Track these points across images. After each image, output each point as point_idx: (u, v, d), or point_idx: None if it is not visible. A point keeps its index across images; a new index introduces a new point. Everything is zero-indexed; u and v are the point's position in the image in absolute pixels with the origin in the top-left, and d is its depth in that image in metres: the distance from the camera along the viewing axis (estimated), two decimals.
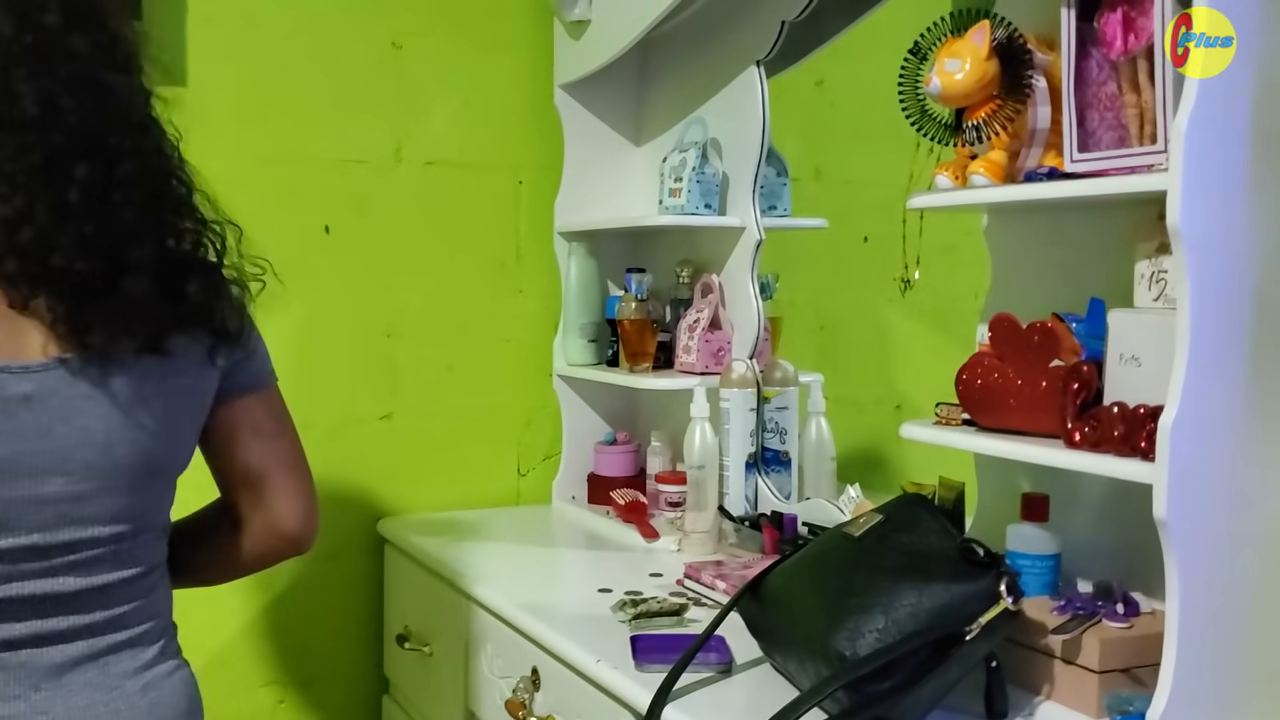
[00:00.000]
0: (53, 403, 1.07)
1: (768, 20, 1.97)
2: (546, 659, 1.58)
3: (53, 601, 1.10)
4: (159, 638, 1.19)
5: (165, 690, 1.18)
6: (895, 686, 1.13)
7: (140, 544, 1.16)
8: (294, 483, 1.28)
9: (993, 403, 1.30)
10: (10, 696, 1.09)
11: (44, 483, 1.08)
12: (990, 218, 1.54)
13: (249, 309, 1.23)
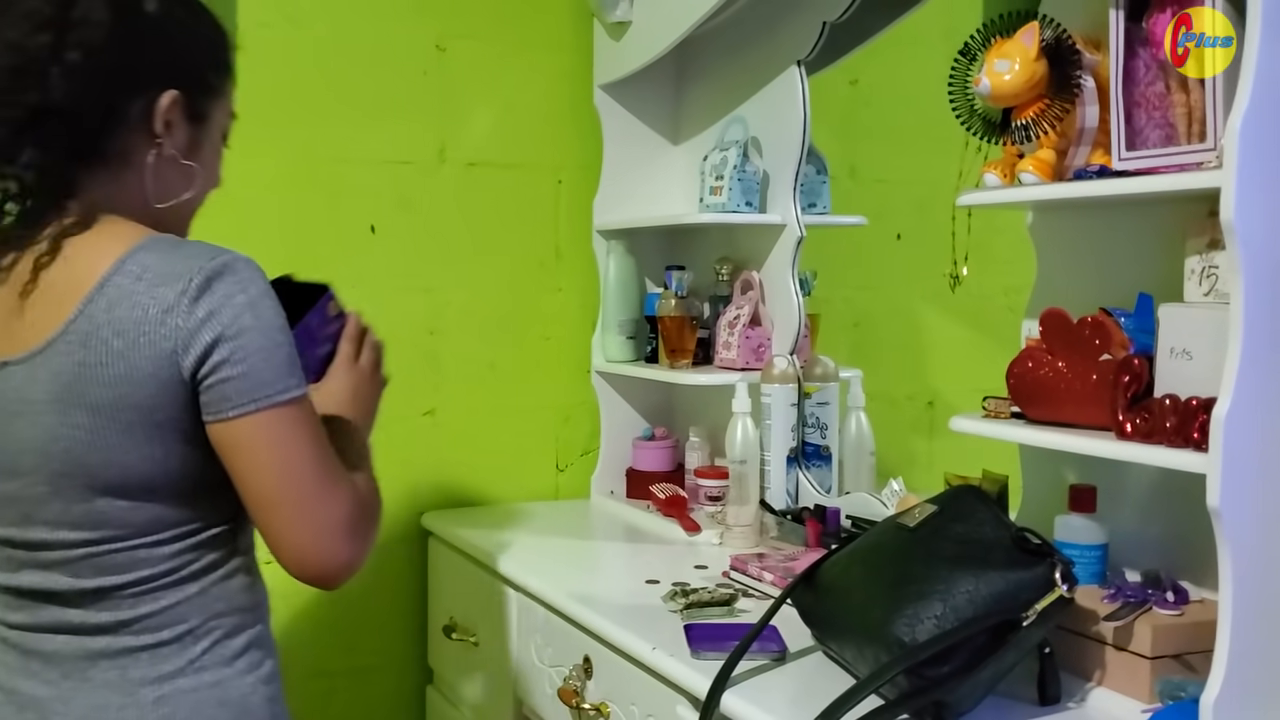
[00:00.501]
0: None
1: (809, 21, 2.00)
2: (599, 648, 1.61)
3: (56, 596, 1.12)
4: (189, 647, 1.14)
5: (182, 705, 1.13)
6: (953, 671, 1.16)
7: (128, 551, 1.11)
8: (287, 531, 1.12)
9: (1044, 396, 1.33)
10: (43, 680, 1.13)
11: (4, 480, 1.11)
12: (1036, 215, 1.57)
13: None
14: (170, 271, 1.06)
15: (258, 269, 1.11)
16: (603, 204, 2.40)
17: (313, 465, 1.11)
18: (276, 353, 1.09)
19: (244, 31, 2.13)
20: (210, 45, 1.22)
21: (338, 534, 1.12)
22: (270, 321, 1.09)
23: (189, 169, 1.19)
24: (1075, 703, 1.25)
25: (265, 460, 1.09)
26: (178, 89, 1.16)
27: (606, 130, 2.38)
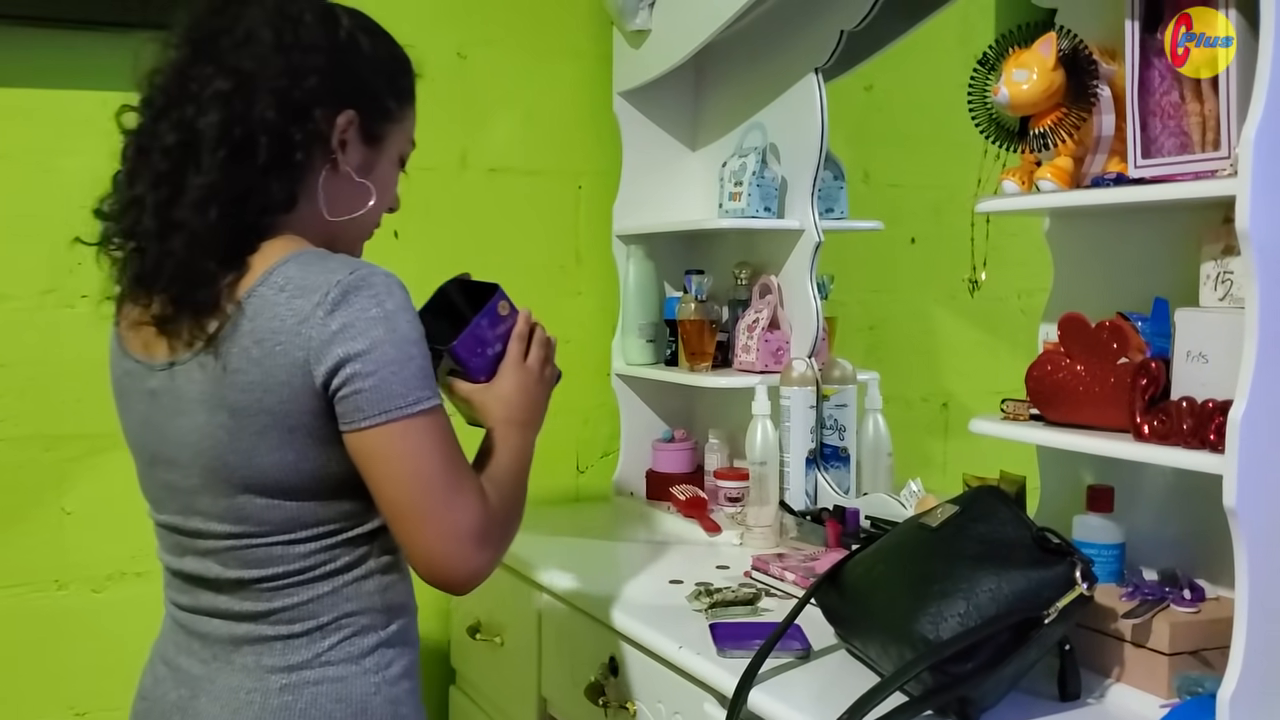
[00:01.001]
0: (165, 400, 1.19)
1: (827, 29, 2.03)
2: (625, 646, 1.64)
3: (209, 582, 1.20)
4: (318, 642, 1.19)
5: (302, 696, 1.18)
6: (977, 668, 1.19)
7: (266, 547, 1.17)
8: (418, 538, 1.16)
9: (1062, 398, 1.36)
10: (199, 659, 1.22)
11: (168, 471, 1.21)
12: (1053, 221, 1.60)
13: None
14: (309, 284, 1.12)
15: (396, 283, 1.15)
16: (622, 209, 2.43)
17: (441, 475, 1.14)
18: (408, 365, 1.12)
19: None
20: (391, 72, 1.30)
21: (465, 542, 1.15)
22: (404, 335, 1.13)
23: (363, 187, 1.25)
24: (1095, 698, 1.28)
25: (395, 470, 1.13)
26: (355, 110, 1.22)
27: (626, 137, 2.41)
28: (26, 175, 2.03)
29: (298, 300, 1.11)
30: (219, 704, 1.19)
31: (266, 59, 1.17)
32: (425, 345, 1.16)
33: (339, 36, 1.23)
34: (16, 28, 1.99)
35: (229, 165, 1.15)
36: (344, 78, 1.22)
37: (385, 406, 1.12)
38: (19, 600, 2.06)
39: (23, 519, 2.06)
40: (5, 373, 2.03)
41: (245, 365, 1.12)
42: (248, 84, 1.15)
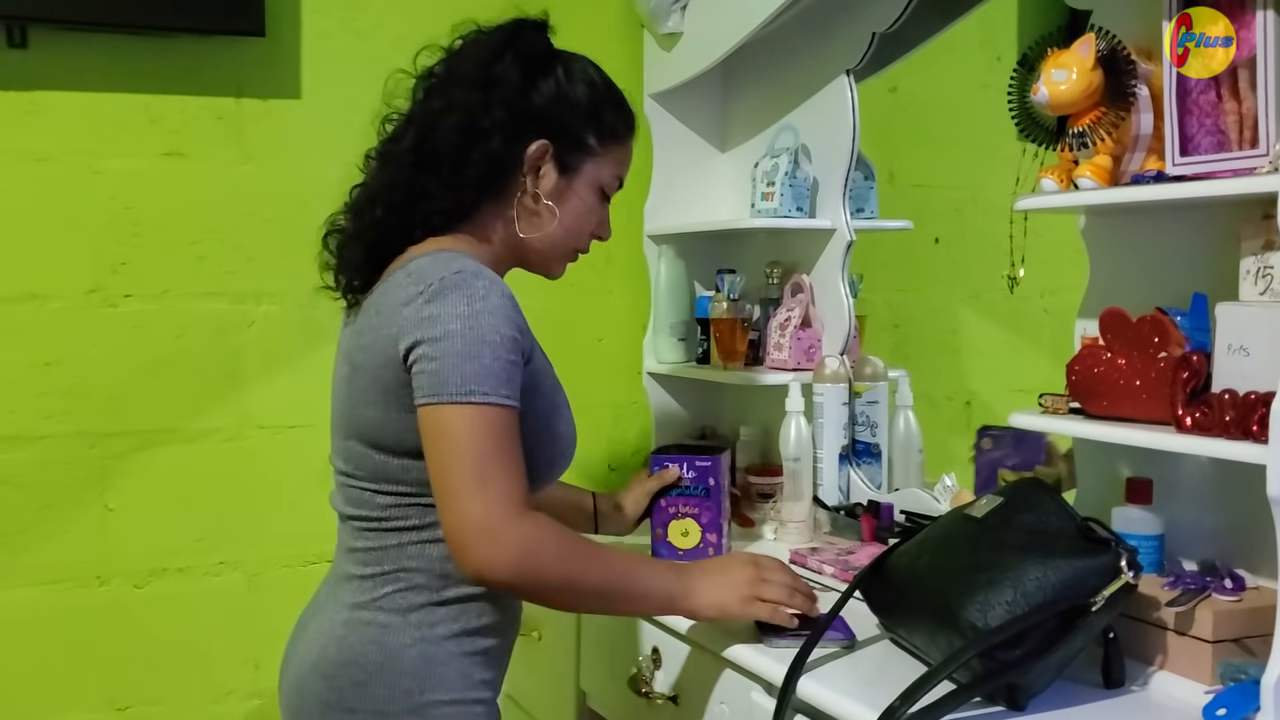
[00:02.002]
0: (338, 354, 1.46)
1: (859, 31, 2.05)
2: (668, 639, 1.67)
3: (339, 514, 1.42)
4: (382, 588, 1.34)
5: (352, 632, 1.33)
6: (1025, 655, 1.21)
7: (358, 490, 1.36)
8: (442, 511, 1.25)
9: (1104, 392, 1.38)
10: (327, 584, 1.43)
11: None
12: (1088, 219, 1.62)
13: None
14: (425, 275, 1.29)
15: (497, 291, 1.28)
16: (653, 209, 2.46)
17: (471, 464, 1.22)
18: (472, 362, 1.23)
19: (307, 43, 2.21)
20: (594, 111, 1.48)
21: (472, 533, 1.22)
22: (479, 335, 1.25)
23: (548, 209, 1.45)
24: (1138, 685, 1.31)
25: (436, 448, 1.24)
26: (550, 141, 1.42)
27: (656, 138, 2.44)
28: (70, 177, 2.07)
29: (410, 287, 1.29)
30: (314, 625, 1.39)
31: (463, 94, 1.39)
32: (506, 348, 1.26)
33: (541, 79, 1.44)
34: (61, 32, 2.02)
35: (409, 172, 1.39)
36: (538, 114, 1.42)
37: (438, 390, 1.23)
38: (62, 595, 2.09)
39: (67, 515, 2.09)
40: (50, 371, 2.07)
41: (365, 329, 1.34)
42: (444, 112, 1.39)
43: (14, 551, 2.06)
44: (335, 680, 1.33)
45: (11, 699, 2.07)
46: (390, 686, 1.31)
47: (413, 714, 1.32)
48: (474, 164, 1.38)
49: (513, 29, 1.46)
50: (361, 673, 1.32)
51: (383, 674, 1.31)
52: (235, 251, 2.18)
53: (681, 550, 1.86)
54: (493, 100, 1.39)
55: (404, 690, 1.31)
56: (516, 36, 1.45)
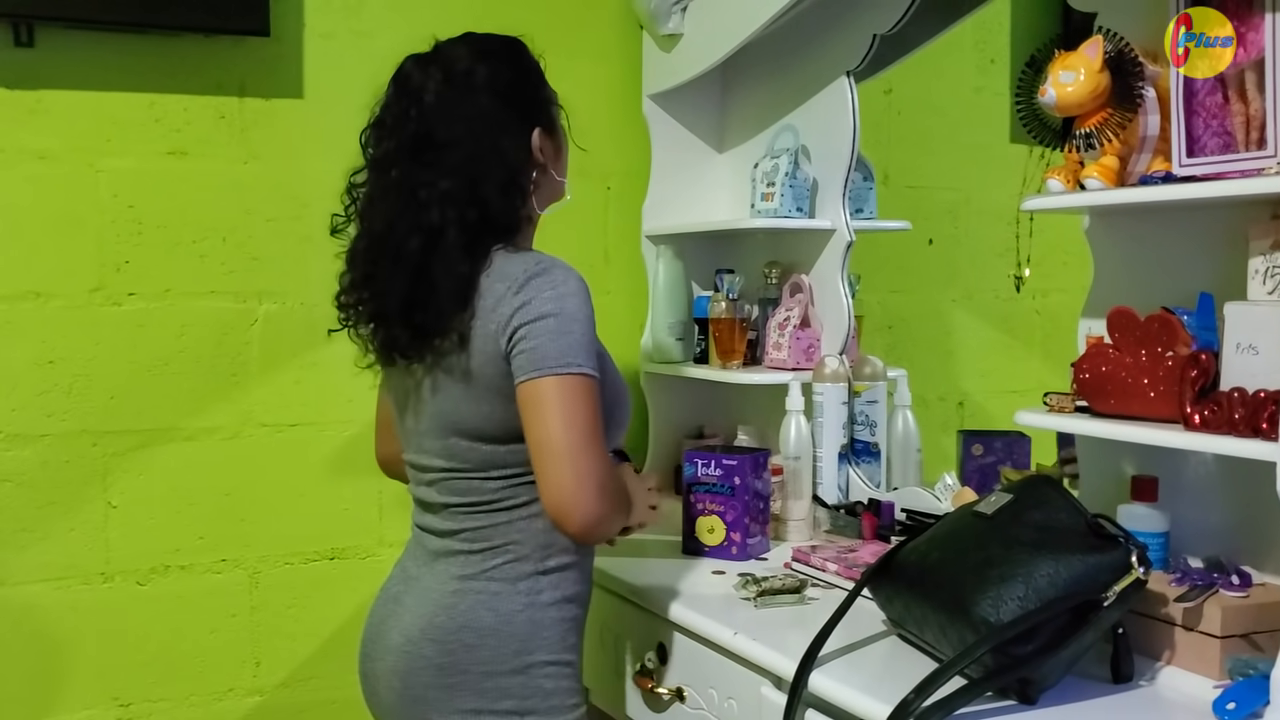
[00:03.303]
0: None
1: (859, 33, 2.07)
2: (674, 634, 1.68)
3: (429, 505, 1.54)
4: (488, 560, 1.47)
5: (465, 599, 1.46)
6: (1038, 649, 1.23)
7: (465, 480, 1.48)
8: (552, 472, 1.36)
9: (1111, 390, 1.40)
10: (421, 564, 1.54)
11: (408, 418, 1.55)
12: (1093, 219, 1.64)
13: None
14: (506, 273, 1.42)
15: (573, 274, 1.43)
16: (651, 210, 2.47)
17: (581, 426, 1.36)
18: (566, 336, 1.37)
19: (309, 42, 2.21)
20: (535, 69, 1.63)
21: (590, 486, 1.35)
22: (570, 313, 1.39)
23: (555, 175, 1.61)
24: (1147, 680, 1.33)
25: (543, 414, 1.36)
26: (537, 123, 1.56)
27: (655, 138, 2.46)
28: (73, 175, 2.06)
29: (497, 285, 1.41)
30: (415, 598, 1.51)
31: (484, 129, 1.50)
32: (589, 324, 1.41)
33: (511, 78, 1.57)
34: (67, 30, 2.02)
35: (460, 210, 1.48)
36: (524, 109, 1.56)
37: (540, 365, 1.37)
38: (65, 592, 2.09)
39: (69, 512, 2.09)
40: (53, 369, 2.06)
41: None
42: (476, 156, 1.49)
43: (17, 548, 2.06)
44: (447, 644, 1.45)
45: (14, 695, 2.07)
46: (499, 649, 1.45)
47: (519, 673, 1.45)
48: (519, 187, 1.50)
49: (482, 53, 1.57)
50: (474, 635, 1.45)
51: (494, 637, 1.45)
52: (237, 250, 2.18)
53: (709, 546, 1.91)
54: (508, 128, 1.51)
55: (513, 651, 1.45)
56: (488, 55, 1.57)
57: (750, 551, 1.90)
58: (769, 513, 1.97)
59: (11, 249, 2.04)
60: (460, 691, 1.45)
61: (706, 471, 1.92)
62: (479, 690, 1.45)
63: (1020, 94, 1.53)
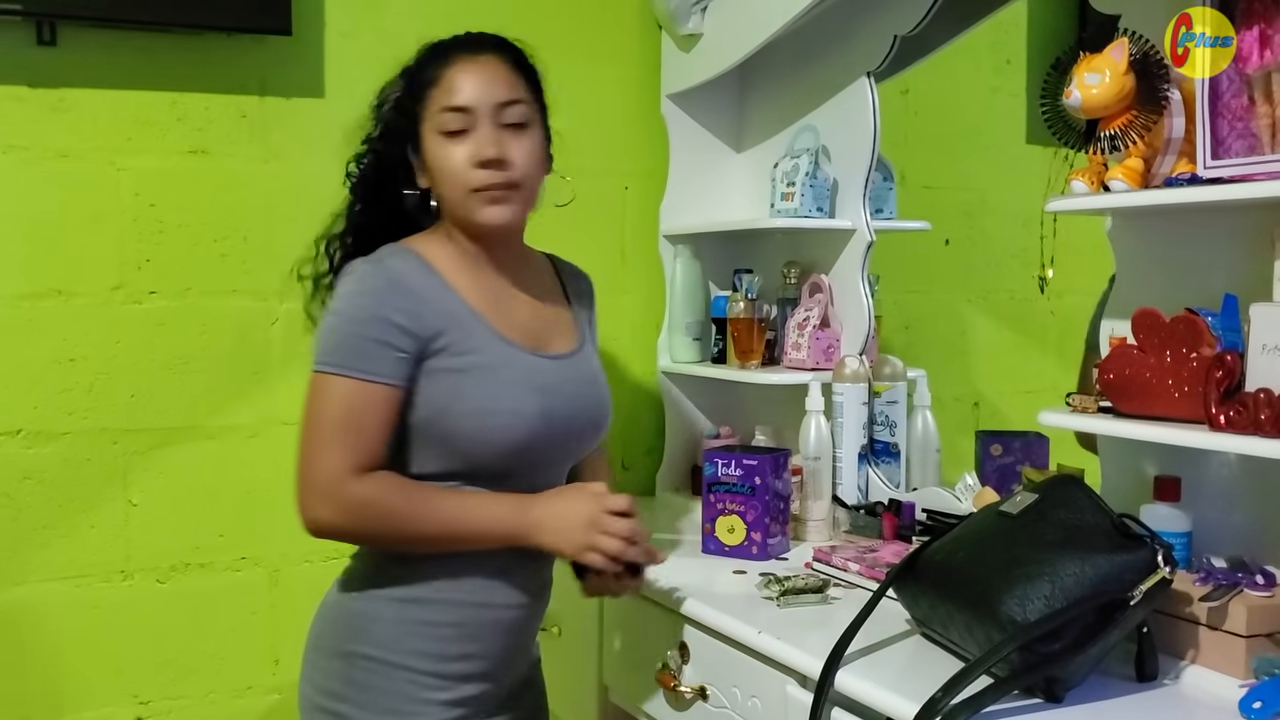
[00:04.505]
0: None
1: (880, 33, 2.07)
2: (696, 633, 1.69)
3: None
4: (359, 550, 1.56)
5: (332, 587, 1.59)
6: (1064, 648, 1.23)
7: None
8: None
9: (1136, 391, 1.41)
10: None
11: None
12: (1116, 221, 1.64)
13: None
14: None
15: (372, 274, 1.45)
16: (669, 209, 2.48)
17: (315, 428, 1.42)
18: (331, 335, 1.43)
19: (330, 42, 2.22)
20: (408, 83, 1.64)
21: (306, 488, 1.41)
22: (338, 310, 1.45)
23: (429, 182, 1.56)
24: (1171, 679, 1.33)
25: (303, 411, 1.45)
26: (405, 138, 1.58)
27: (673, 138, 2.46)
28: (95, 174, 2.07)
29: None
30: None
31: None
32: (365, 326, 1.41)
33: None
34: (90, 29, 2.03)
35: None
36: (391, 124, 1.62)
37: (313, 359, 1.44)
38: (85, 590, 2.10)
39: (90, 510, 2.10)
40: (74, 367, 2.07)
41: None
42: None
43: (37, 546, 2.07)
44: (313, 624, 1.56)
45: (34, 693, 2.08)
46: (327, 630, 1.52)
47: (339, 658, 1.49)
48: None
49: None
50: (320, 612, 1.54)
51: (327, 612, 1.53)
52: (258, 249, 2.18)
53: (729, 546, 1.91)
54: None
55: (337, 635, 1.50)
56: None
57: (770, 551, 1.91)
58: (789, 513, 1.97)
59: (33, 247, 2.04)
60: (306, 658, 1.55)
61: (727, 471, 1.92)
62: (309, 660, 1.54)
63: (1045, 96, 1.53)
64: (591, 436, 1.59)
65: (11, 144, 2.02)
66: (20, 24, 1.98)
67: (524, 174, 1.52)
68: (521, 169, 1.51)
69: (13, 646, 2.07)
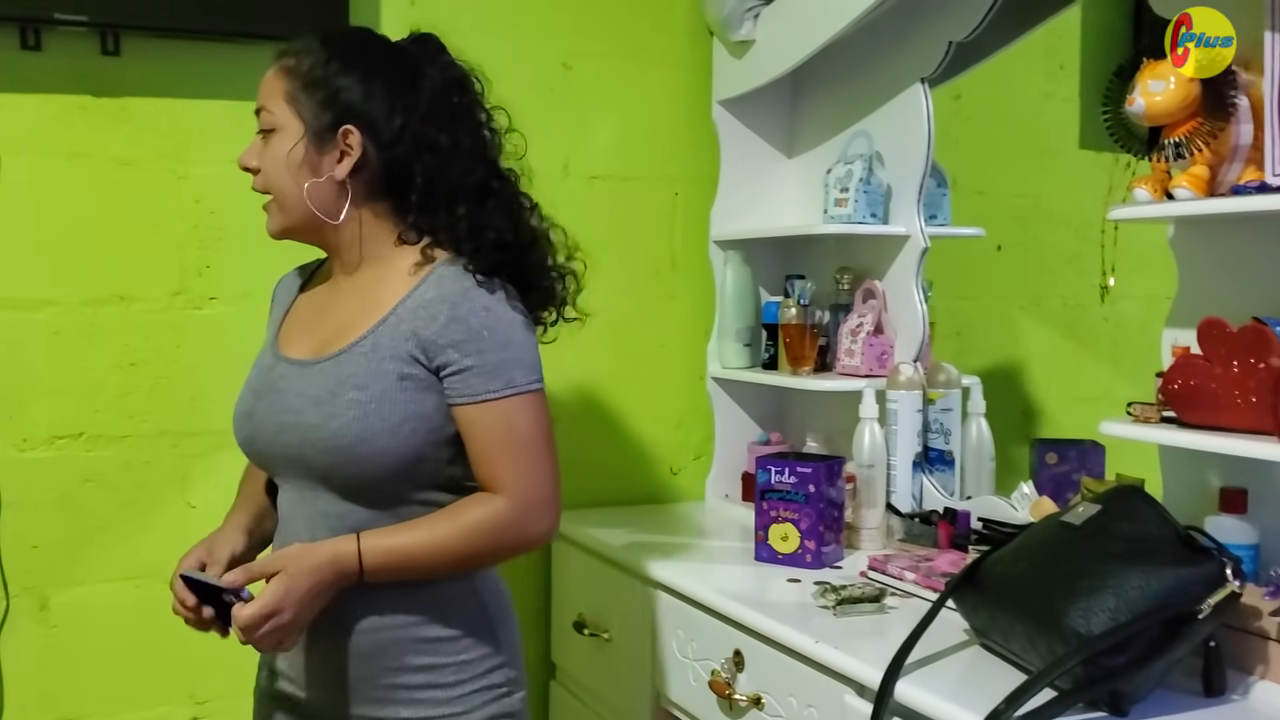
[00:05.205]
0: None
1: (935, 40, 2.07)
2: (751, 641, 1.68)
3: None
4: None
5: None
6: (1130, 662, 1.22)
7: None
8: None
9: (1201, 401, 1.39)
10: None
11: None
12: (1178, 229, 1.62)
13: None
14: None
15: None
16: (720, 215, 2.48)
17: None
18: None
19: None
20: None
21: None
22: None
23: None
24: (1239, 694, 1.32)
25: None
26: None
27: (724, 144, 2.46)
28: (156, 181, 2.10)
29: None
30: None
31: None
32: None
33: None
34: (152, 39, 2.06)
35: None
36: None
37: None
38: (145, 590, 2.13)
39: (150, 512, 2.13)
40: (135, 371, 2.10)
41: None
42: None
43: (98, 547, 2.10)
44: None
45: (92, 690, 2.11)
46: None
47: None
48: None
49: None
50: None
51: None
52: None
53: (782, 554, 1.91)
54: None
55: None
56: None
57: (824, 560, 1.90)
58: (843, 521, 1.97)
59: (96, 253, 2.08)
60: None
61: (780, 478, 1.92)
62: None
63: (1107, 102, 1.52)
64: (296, 449, 1.45)
65: (76, 152, 2.06)
66: (85, 34, 2.02)
67: (265, 182, 1.50)
68: (262, 178, 1.50)
69: (72, 645, 2.10)
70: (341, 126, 1.45)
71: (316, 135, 1.46)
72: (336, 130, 1.45)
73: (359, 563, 1.38)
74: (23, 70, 2.02)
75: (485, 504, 1.43)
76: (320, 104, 1.46)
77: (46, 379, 2.07)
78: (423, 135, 1.48)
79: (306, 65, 1.47)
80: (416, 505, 1.44)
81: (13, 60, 2.01)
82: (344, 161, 1.46)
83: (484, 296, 1.44)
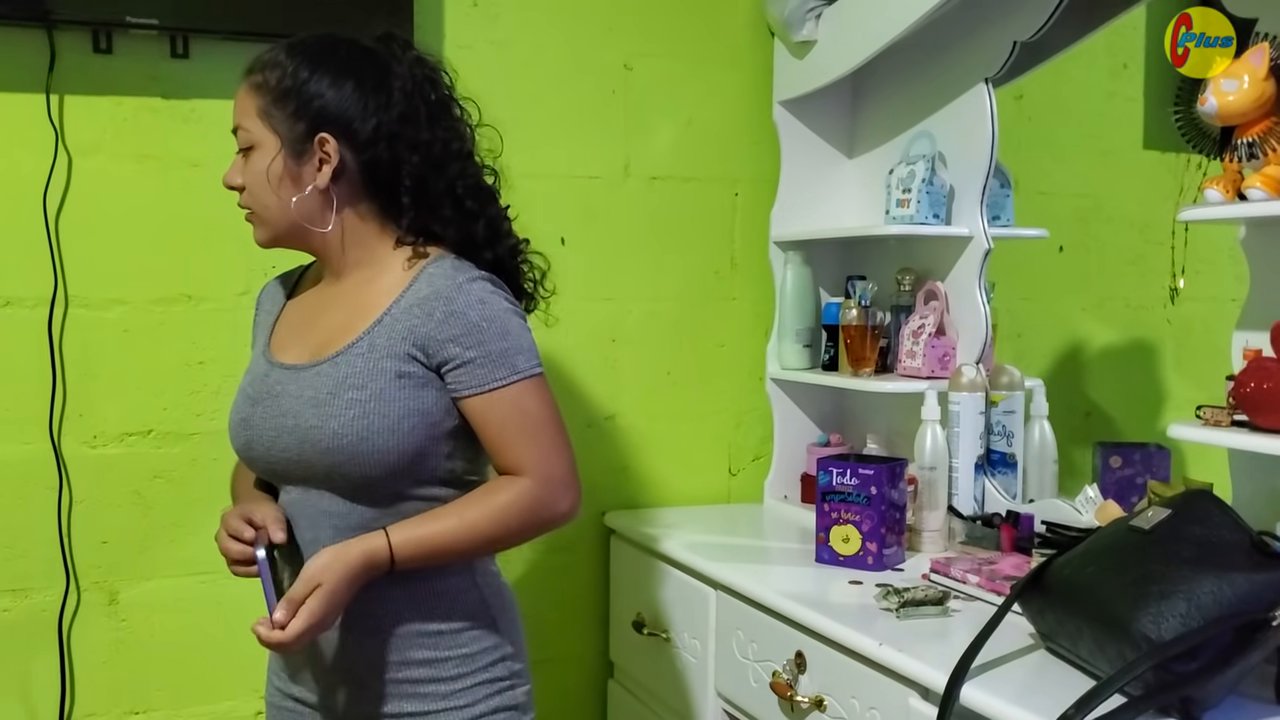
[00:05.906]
0: None
1: (999, 40, 2.05)
2: (813, 643, 1.68)
3: None
4: None
5: None
6: (1201, 668, 1.21)
7: None
8: None
9: (1274, 405, 1.37)
10: None
11: None
12: (1250, 230, 1.60)
13: None
14: None
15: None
16: (780, 216, 2.47)
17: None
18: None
19: (448, 54, 2.25)
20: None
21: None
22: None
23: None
24: None
25: None
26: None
27: (785, 145, 2.46)
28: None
29: None
30: None
31: None
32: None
33: None
34: (220, 41, 2.09)
35: None
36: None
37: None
38: (211, 586, 2.16)
39: (217, 508, 2.11)
40: (204, 369, 2.14)
41: None
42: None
43: (166, 543, 2.14)
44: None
45: (158, 683, 2.15)
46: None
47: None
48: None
49: None
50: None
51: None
52: None
53: (843, 556, 1.91)
54: None
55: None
56: None
57: (886, 562, 1.89)
58: (905, 523, 1.96)
59: (165, 254, 2.12)
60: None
61: (842, 480, 1.91)
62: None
63: (1179, 102, 1.50)
64: (295, 452, 1.45)
65: (145, 153, 2.10)
66: (156, 38, 2.06)
67: (249, 199, 1.53)
68: (247, 195, 1.53)
69: (141, 638, 2.14)
70: (317, 134, 1.46)
71: (293, 147, 1.47)
72: (312, 139, 1.46)
73: (390, 557, 1.40)
74: (94, 73, 2.07)
75: (512, 486, 1.45)
76: (292, 115, 1.46)
77: (116, 377, 2.11)
78: (399, 133, 1.48)
79: (274, 79, 1.48)
80: (418, 501, 1.46)
81: (84, 63, 2.06)
82: (324, 169, 1.47)
83: (477, 290, 1.45)
